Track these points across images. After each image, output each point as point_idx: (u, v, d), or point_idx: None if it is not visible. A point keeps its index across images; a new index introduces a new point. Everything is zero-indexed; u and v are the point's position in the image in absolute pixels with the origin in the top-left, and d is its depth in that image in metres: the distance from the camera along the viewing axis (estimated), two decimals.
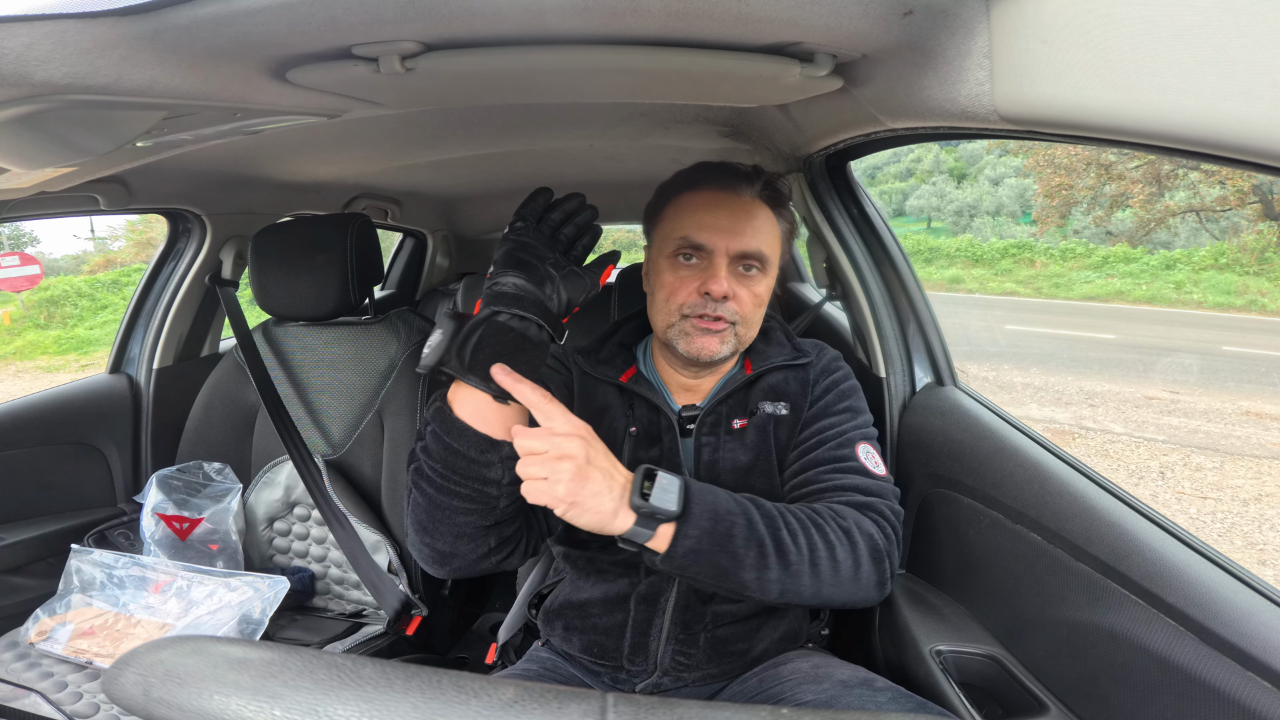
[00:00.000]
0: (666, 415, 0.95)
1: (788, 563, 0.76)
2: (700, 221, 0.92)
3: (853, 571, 0.80)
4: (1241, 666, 0.57)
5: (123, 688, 0.36)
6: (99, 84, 0.62)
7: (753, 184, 0.95)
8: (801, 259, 2.57)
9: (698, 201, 0.94)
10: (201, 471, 1.44)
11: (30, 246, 16.98)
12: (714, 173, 0.96)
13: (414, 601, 1.33)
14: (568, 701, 0.37)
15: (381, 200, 2.22)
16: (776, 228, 0.96)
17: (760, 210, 0.94)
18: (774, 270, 0.96)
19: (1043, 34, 0.54)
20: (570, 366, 1.03)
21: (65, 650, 1.12)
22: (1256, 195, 13.33)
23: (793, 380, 0.99)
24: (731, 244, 0.90)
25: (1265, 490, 4.38)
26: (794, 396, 0.97)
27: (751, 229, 0.92)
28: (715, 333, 0.91)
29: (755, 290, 0.93)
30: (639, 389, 0.97)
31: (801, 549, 0.78)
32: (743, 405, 0.98)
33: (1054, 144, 0.96)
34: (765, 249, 0.92)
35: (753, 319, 0.94)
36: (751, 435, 0.95)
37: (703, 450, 0.95)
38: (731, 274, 0.91)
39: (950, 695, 0.83)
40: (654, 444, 0.96)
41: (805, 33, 0.70)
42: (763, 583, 0.76)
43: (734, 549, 0.75)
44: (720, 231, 0.91)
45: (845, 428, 0.94)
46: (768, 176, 0.97)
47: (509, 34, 0.70)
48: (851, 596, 0.82)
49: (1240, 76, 0.40)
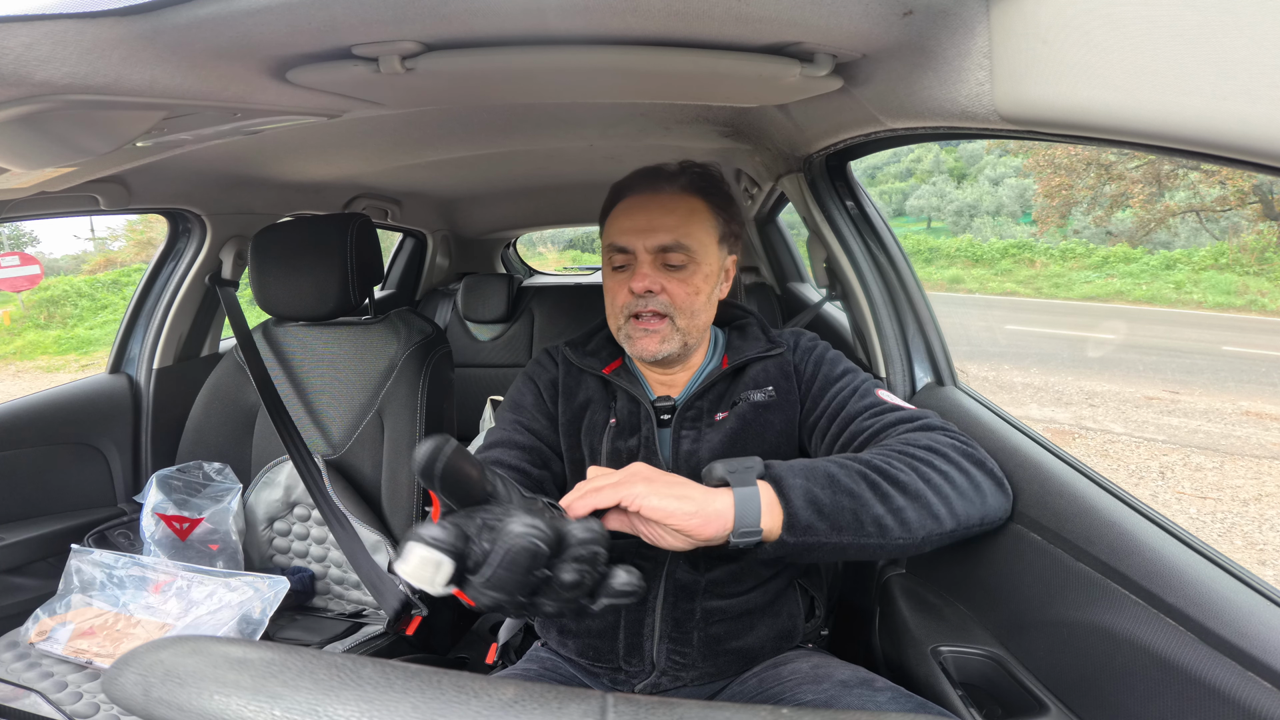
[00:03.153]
0: (645, 406, 0.98)
1: (905, 489, 0.71)
2: (622, 226, 0.96)
3: (968, 483, 0.76)
4: (1242, 667, 0.57)
5: (123, 688, 0.36)
6: (99, 84, 0.62)
7: (675, 179, 0.97)
8: (801, 259, 2.57)
9: (621, 209, 0.97)
10: (201, 471, 1.44)
11: (30, 246, 16.97)
12: (638, 177, 0.99)
13: (414, 601, 1.33)
14: (568, 701, 0.37)
15: (381, 200, 2.22)
16: (706, 216, 0.96)
17: (682, 203, 0.95)
18: (709, 261, 0.96)
19: (1043, 34, 0.54)
20: (559, 361, 1.06)
21: (65, 650, 1.12)
22: (1256, 195, 13.33)
23: (773, 368, 1.00)
24: (648, 241, 0.93)
25: (1265, 490, 4.38)
26: (776, 380, 0.99)
27: (668, 223, 0.93)
28: (654, 332, 0.94)
29: (688, 281, 0.94)
30: (619, 381, 1.00)
31: (907, 474, 0.72)
32: (725, 398, 0.99)
33: (1054, 144, 0.96)
34: (687, 240, 0.93)
35: (690, 308, 0.95)
36: (731, 423, 0.96)
37: (682, 441, 0.96)
38: (657, 269, 0.94)
39: (950, 695, 0.82)
40: (633, 434, 0.98)
41: (805, 33, 0.70)
42: (900, 517, 0.70)
43: (851, 490, 0.70)
44: (638, 231, 0.94)
45: (856, 383, 0.95)
46: (693, 166, 0.99)
47: (509, 34, 0.70)
48: (985, 510, 0.77)
49: (1240, 76, 0.40)
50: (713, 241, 0.97)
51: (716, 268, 0.98)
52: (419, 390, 1.40)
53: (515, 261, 3.98)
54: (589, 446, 1.00)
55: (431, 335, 1.47)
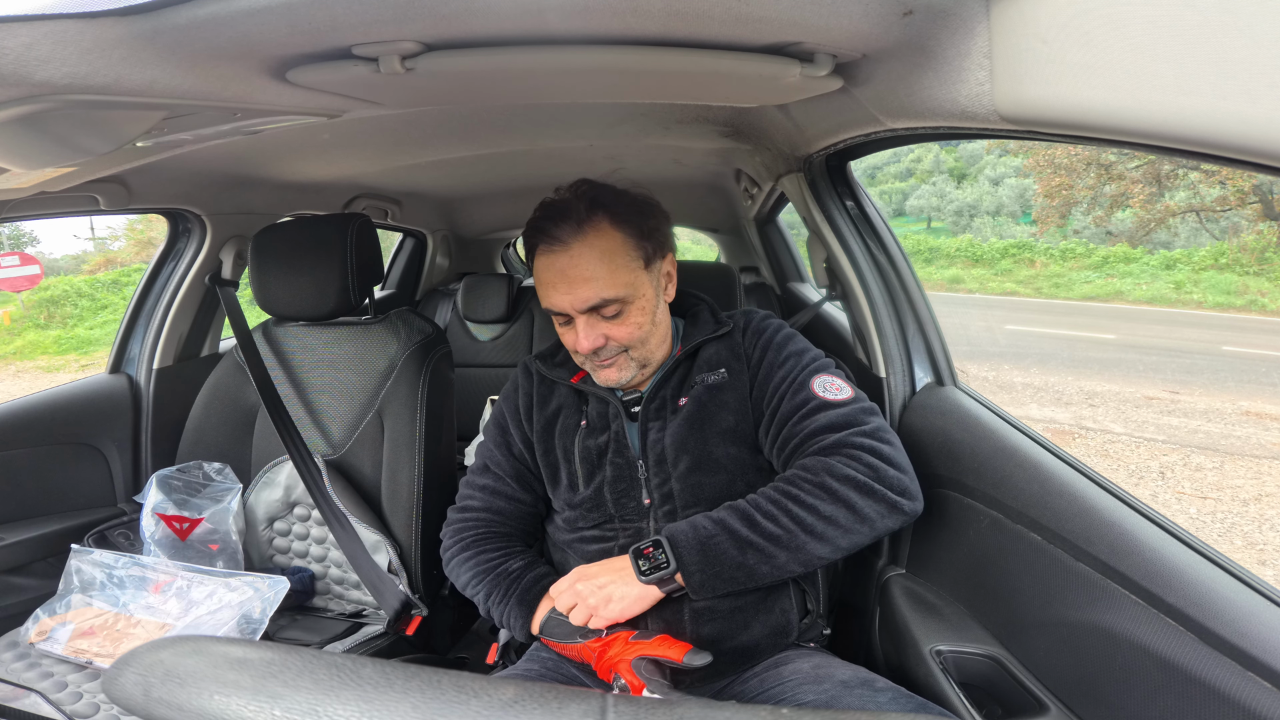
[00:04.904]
0: (614, 405, 1.03)
1: (784, 545, 0.85)
2: (544, 288, 0.98)
3: (850, 516, 0.85)
4: (1242, 667, 0.57)
5: (123, 688, 0.36)
6: (99, 84, 0.62)
7: (575, 220, 0.94)
8: (801, 259, 2.57)
9: (539, 266, 0.98)
10: (201, 471, 1.44)
11: (30, 246, 16.97)
12: (541, 226, 0.96)
13: (414, 601, 1.33)
14: (568, 701, 0.37)
15: (381, 200, 2.22)
16: (620, 247, 0.95)
17: (592, 247, 0.93)
18: (642, 293, 0.97)
19: (1043, 34, 0.54)
20: (532, 373, 1.12)
21: (65, 650, 1.12)
22: (1256, 195, 13.32)
23: (723, 349, 1.04)
24: (575, 302, 0.95)
25: (1265, 490, 4.38)
26: (728, 360, 1.03)
27: (585, 280, 0.93)
28: (611, 364, 1.00)
29: (628, 321, 0.97)
30: (587, 387, 1.06)
31: (788, 527, 0.85)
32: (684, 383, 1.03)
33: (1054, 144, 0.96)
34: (611, 291, 0.93)
35: (640, 339, 0.99)
36: (690, 408, 1.00)
37: (649, 432, 1.01)
38: (595, 322, 0.96)
39: (950, 695, 0.83)
40: (603, 431, 1.03)
41: (805, 33, 0.70)
42: (777, 568, 0.85)
43: (734, 561, 0.85)
44: (561, 293, 0.95)
45: (795, 372, 0.99)
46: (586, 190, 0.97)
47: (509, 34, 0.70)
48: (872, 533, 0.87)
49: (1240, 76, 0.40)
50: (639, 269, 0.97)
51: (651, 292, 0.99)
52: (419, 390, 1.40)
53: (515, 261, 3.98)
54: (563, 448, 1.05)
55: (431, 335, 1.47)
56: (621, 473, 1.00)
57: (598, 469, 1.01)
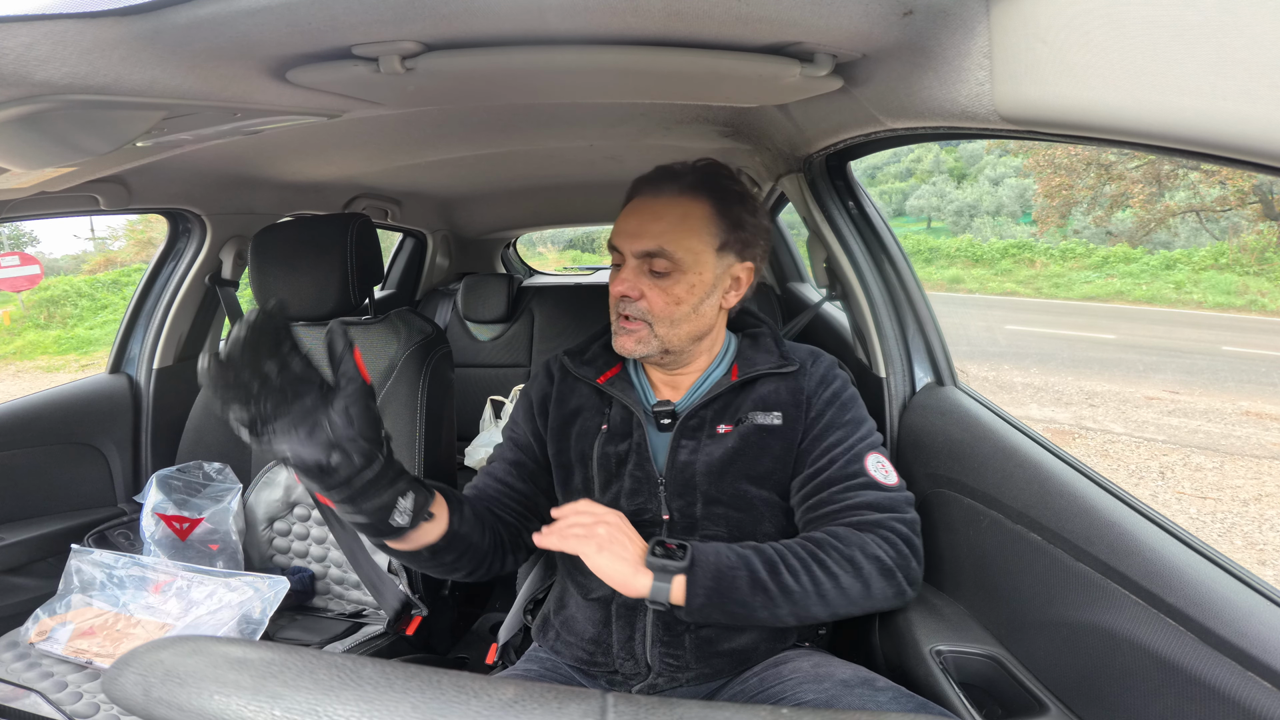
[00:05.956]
0: (638, 414, 0.99)
1: (793, 600, 0.84)
2: (618, 226, 0.96)
3: (862, 592, 0.86)
4: (1242, 667, 0.57)
5: (123, 688, 0.36)
6: (99, 84, 0.62)
7: (679, 179, 0.95)
8: (801, 259, 2.57)
9: (627, 208, 0.97)
10: (201, 471, 1.44)
11: (30, 246, 16.95)
12: (648, 178, 0.98)
13: (414, 601, 1.33)
14: (568, 701, 0.37)
15: (381, 200, 2.22)
16: (704, 222, 0.93)
17: (678, 207, 0.93)
18: (697, 270, 0.93)
19: (1043, 34, 0.54)
20: (555, 371, 1.08)
21: (65, 650, 1.12)
22: (1256, 195, 13.32)
23: (784, 390, 0.98)
24: (633, 245, 0.93)
25: (1265, 490, 4.38)
26: (786, 406, 0.97)
27: (654, 229, 0.92)
28: (631, 332, 0.95)
29: (669, 290, 0.93)
30: (613, 390, 1.01)
31: (805, 586, 0.84)
32: (729, 411, 0.98)
33: (1054, 144, 0.95)
34: (672, 247, 0.91)
35: (669, 317, 0.94)
36: (733, 441, 0.95)
37: (679, 450, 0.96)
38: (641, 274, 0.94)
39: (950, 695, 0.82)
40: (625, 439, 0.98)
41: (805, 33, 0.70)
42: (774, 617, 0.84)
43: (742, 598, 0.83)
44: (627, 235, 0.94)
45: (853, 441, 0.94)
46: (706, 165, 0.97)
47: (509, 34, 0.70)
48: (869, 609, 0.88)
49: (1240, 76, 0.40)
50: (707, 249, 0.93)
51: (709, 276, 0.94)
52: (419, 390, 1.40)
53: (515, 261, 3.98)
54: (579, 451, 1.01)
55: (431, 335, 1.47)
56: (640, 486, 0.96)
57: (615, 478, 0.98)
